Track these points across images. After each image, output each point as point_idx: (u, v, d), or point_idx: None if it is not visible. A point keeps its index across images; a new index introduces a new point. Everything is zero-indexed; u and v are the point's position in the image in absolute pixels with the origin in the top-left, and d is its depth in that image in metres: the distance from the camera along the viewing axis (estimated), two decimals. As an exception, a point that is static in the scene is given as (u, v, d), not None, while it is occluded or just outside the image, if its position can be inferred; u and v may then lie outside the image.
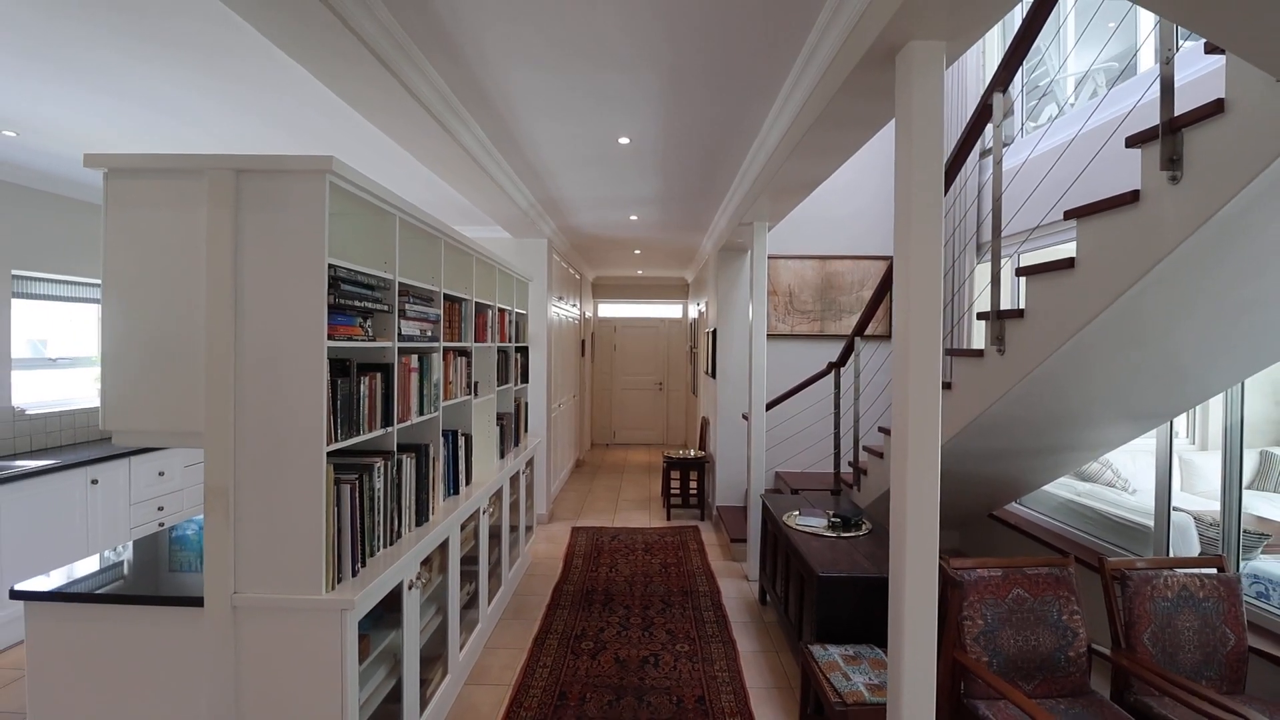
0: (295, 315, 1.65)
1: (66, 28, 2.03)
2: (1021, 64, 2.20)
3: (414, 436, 2.44)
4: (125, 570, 1.92)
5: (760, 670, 3.02)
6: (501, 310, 3.70)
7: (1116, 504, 3.31)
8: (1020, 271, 2.22)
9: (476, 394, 3.15)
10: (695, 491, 5.93)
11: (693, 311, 8.69)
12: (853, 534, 3.09)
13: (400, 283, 2.17)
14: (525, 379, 4.42)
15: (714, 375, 5.79)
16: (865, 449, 3.86)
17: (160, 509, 4.04)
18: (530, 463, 4.27)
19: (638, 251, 7.04)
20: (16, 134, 3.14)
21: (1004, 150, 3.87)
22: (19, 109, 2.76)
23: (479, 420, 3.22)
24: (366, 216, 2.07)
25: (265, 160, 1.65)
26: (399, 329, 2.13)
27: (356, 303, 1.83)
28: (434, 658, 2.51)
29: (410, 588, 2.08)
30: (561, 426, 6.47)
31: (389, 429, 2.08)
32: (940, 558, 2.24)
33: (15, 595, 1.72)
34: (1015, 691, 1.88)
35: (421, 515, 2.34)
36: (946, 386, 2.72)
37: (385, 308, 2.03)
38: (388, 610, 2.02)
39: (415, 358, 2.32)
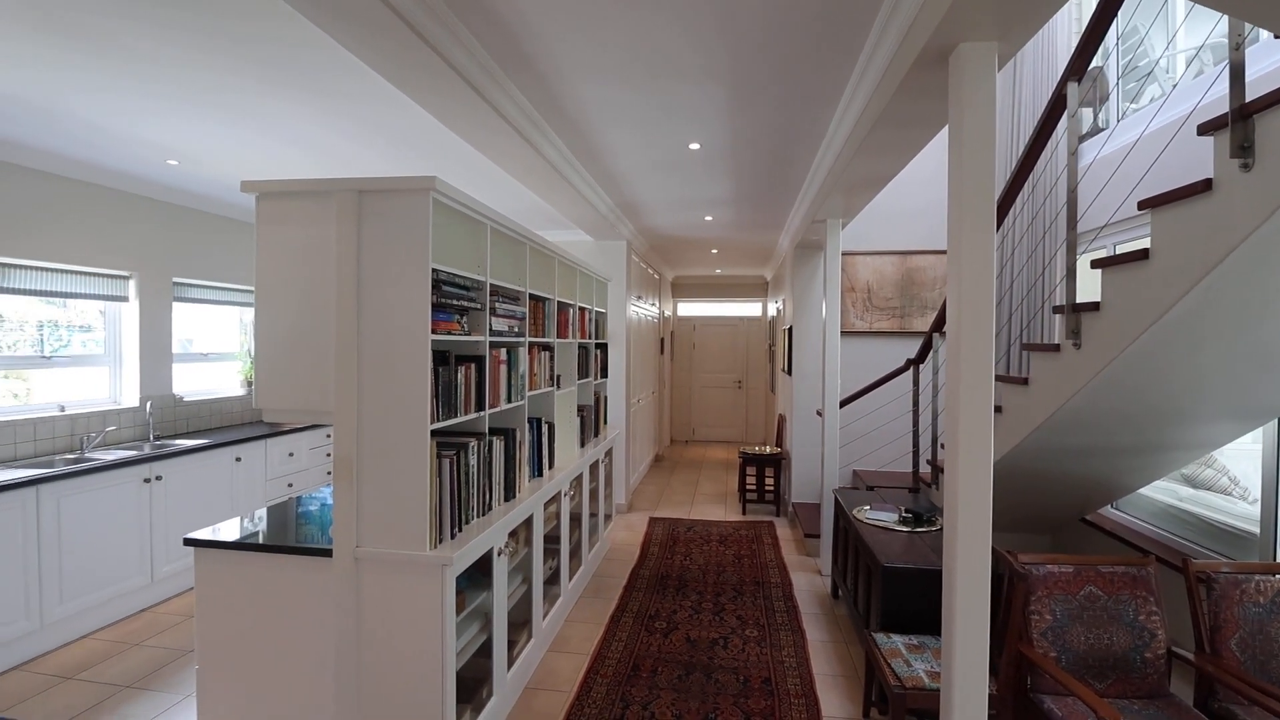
0: (405, 312, 1.93)
1: (218, 72, 2.44)
2: (1096, 52, 2.16)
3: (503, 421, 2.71)
4: (265, 527, 2.29)
5: (828, 659, 3.09)
6: (582, 309, 3.95)
7: (1221, 509, 3.10)
8: (1096, 264, 2.19)
9: (559, 386, 3.41)
10: (771, 487, 5.98)
11: (771, 309, 8.68)
12: (924, 530, 3.09)
13: (491, 284, 2.44)
14: (605, 374, 4.67)
15: (790, 372, 5.82)
16: (944, 446, 3.80)
17: (290, 485, 4.62)
18: (609, 453, 4.51)
19: (715, 251, 7.15)
20: (178, 163, 3.72)
21: (1096, 137, 3.69)
22: (180, 141, 3.29)
23: (561, 410, 3.48)
24: (462, 225, 2.34)
25: (381, 182, 1.94)
26: (490, 325, 2.40)
27: (454, 301, 2.11)
28: (520, 623, 2.78)
29: (499, 554, 2.34)
30: (640, 421, 6.69)
31: (481, 413, 2.35)
32: (1007, 551, 2.25)
33: (188, 542, 2.12)
34: (1084, 688, 1.87)
35: (509, 492, 2.61)
36: (1022, 382, 2.68)
37: (478, 306, 2.30)
38: (480, 573, 2.29)
39: (504, 351, 2.59)
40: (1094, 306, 2.19)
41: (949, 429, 1.82)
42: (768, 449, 6.04)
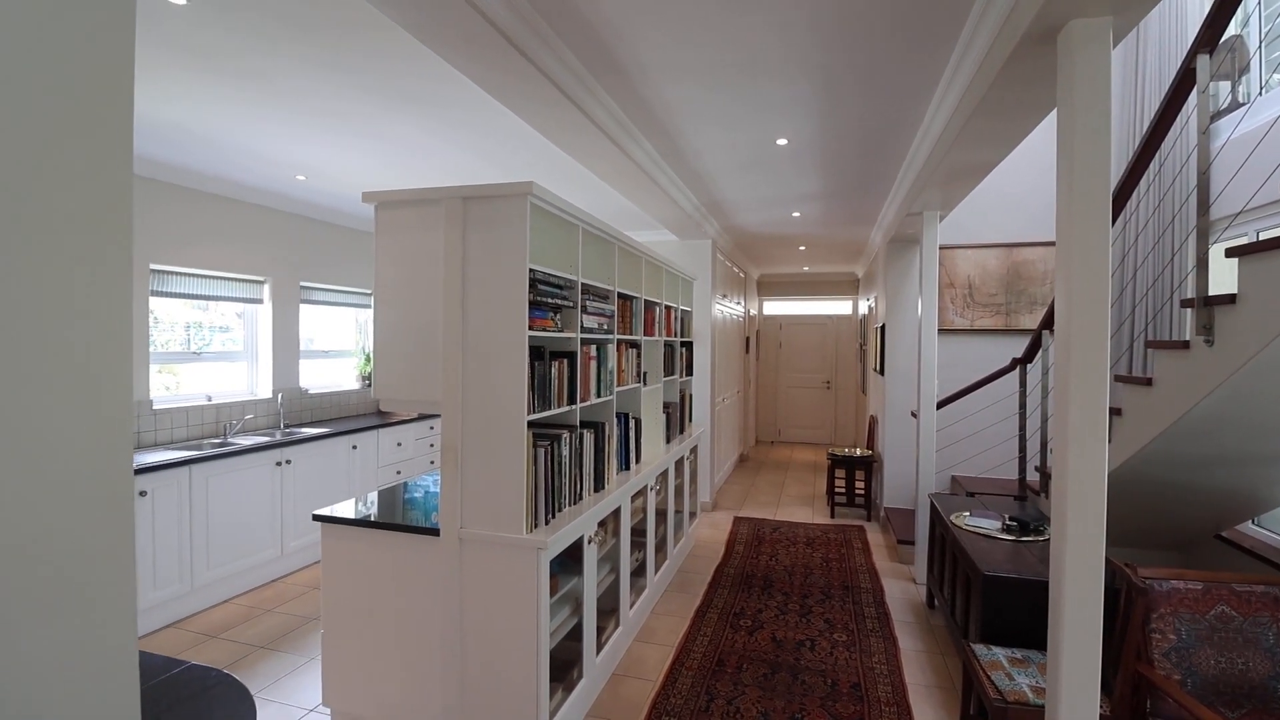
0: (505, 310, 2.06)
1: (340, 95, 2.70)
2: (1231, 19, 1.96)
3: (592, 415, 2.81)
4: (377, 509, 2.50)
5: (921, 668, 2.98)
6: (668, 307, 4.02)
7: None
8: (1232, 252, 1.99)
9: (645, 383, 3.49)
10: (862, 491, 5.80)
11: (862, 307, 8.39)
12: (1031, 539, 2.91)
13: (582, 283, 2.54)
14: (690, 372, 4.71)
15: (882, 372, 5.62)
16: (1054, 451, 3.55)
17: (398, 472, 4.99)
18: (694, 451, 4.55)
19: (803, 248, 7.01)
20: (305, 178, 4.12)
21: (1234, 113, 3.32)
22: (307, 158, 3.64)
23: (647, 406, 3.56)
24: (556, 227, 2.46)
25: (483, 188, 2.08)
26: (581, 322, 2.50)
27: (549, 300, 2.22)
28: (608, 611, 2.87)
29: (589, 542, 2.44)
30: (725, 421, 6.68)
31: (573, 406, 2.46)
32: (1125, 564, 2.09)
33: (316, 518, 2.36)
34: (1215, 716, 1.72)
35: (599, 483, 2.71)
36: (1145, 382, 2.47)
37: (571, 304, 2.41)
38: (572, 560, 2.40)
39: (594, 347, 2.69)
40: (1229, 299, 1.99)
41: (1058, 433, 1.72)
42: (858, 451, 5.86)
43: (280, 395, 4.60)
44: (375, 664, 2.28)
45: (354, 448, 4.55)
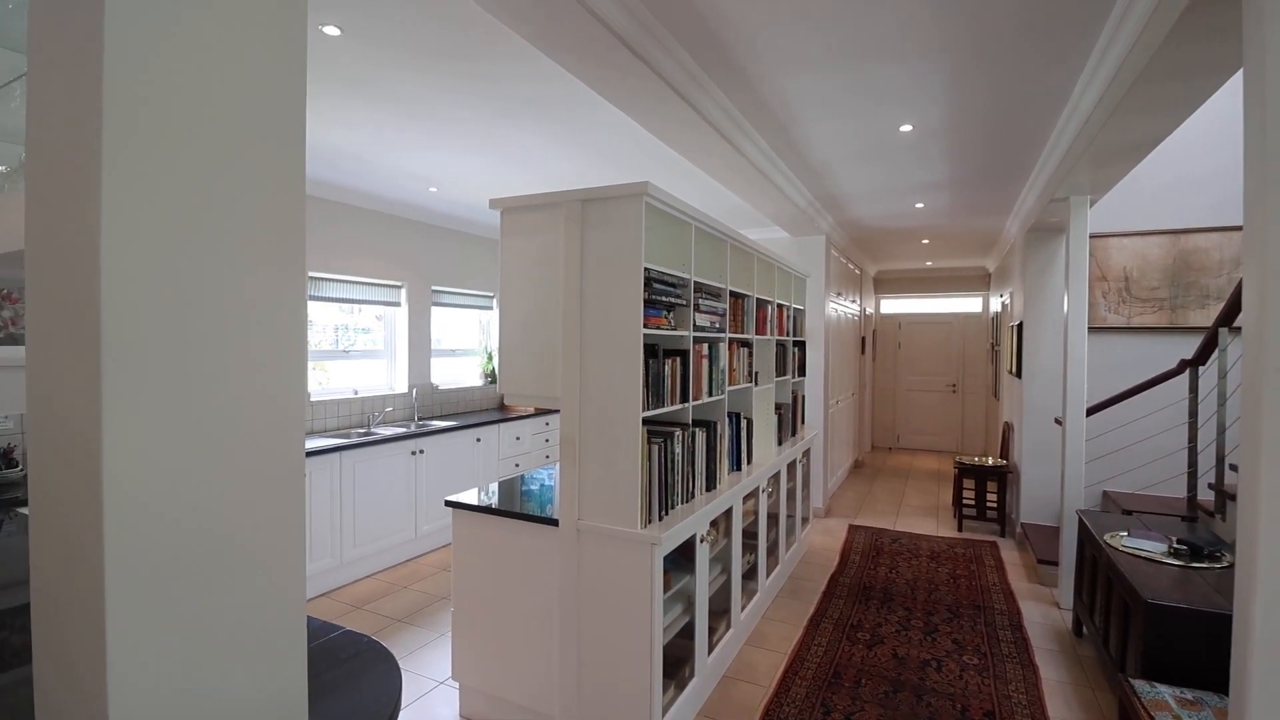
0: (621, 309, 2.11)
1: (470, 109, 2.88)
2: None
3: (704, 414, 2.81)
4: (498, 499, 2.65)
5: (1067, 702, 2.69)
6: (780, 306, 3.93)
7: None
8: None
9: (756, 382, 3.43)
10: (993, 504, 5.34)
11: (994, 304, 7.73)
12: (1204, 565, 2.54)
13: (695, 281, 2.55)
14: (802, 372, 4.57)
15: (1019, 375, 5.14)
16: (1234, 468, 3.08)
17: (516, 465, 5.26)
18: (807, 454, 4.41)
19: (926, 241, 6.58)
20: (437, 189, 4.45)
21: None
22: (438, 171, 3.93)
23: (759, 407, 3.50)
24: (670, 226, 2.48)
25: (600, 191, 2.14)
26: (694, 320, 2.51)
27: (663, 298, 2.25)
28: (719, 612, 2.86)
29: (701, 541, 2.44)
30: (839, 424, 6.41)
31: (685, 404, 2.47)
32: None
33: (448, 504, 2.54)
34: None
35: (710, 482, 2.70)
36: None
37: (684, 302, 2.42)
38: (684, 558, 2.41)
39: (706, 346, 2.68)
40: None
41: (1246, 446, 1.49)
42: (989, 460, 5.40)
43: (414, 390, 5.01)
44: (499, 643, 2.41)
45: (478, 440, 4.86)
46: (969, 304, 9.01)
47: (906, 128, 3.12)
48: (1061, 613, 3.69)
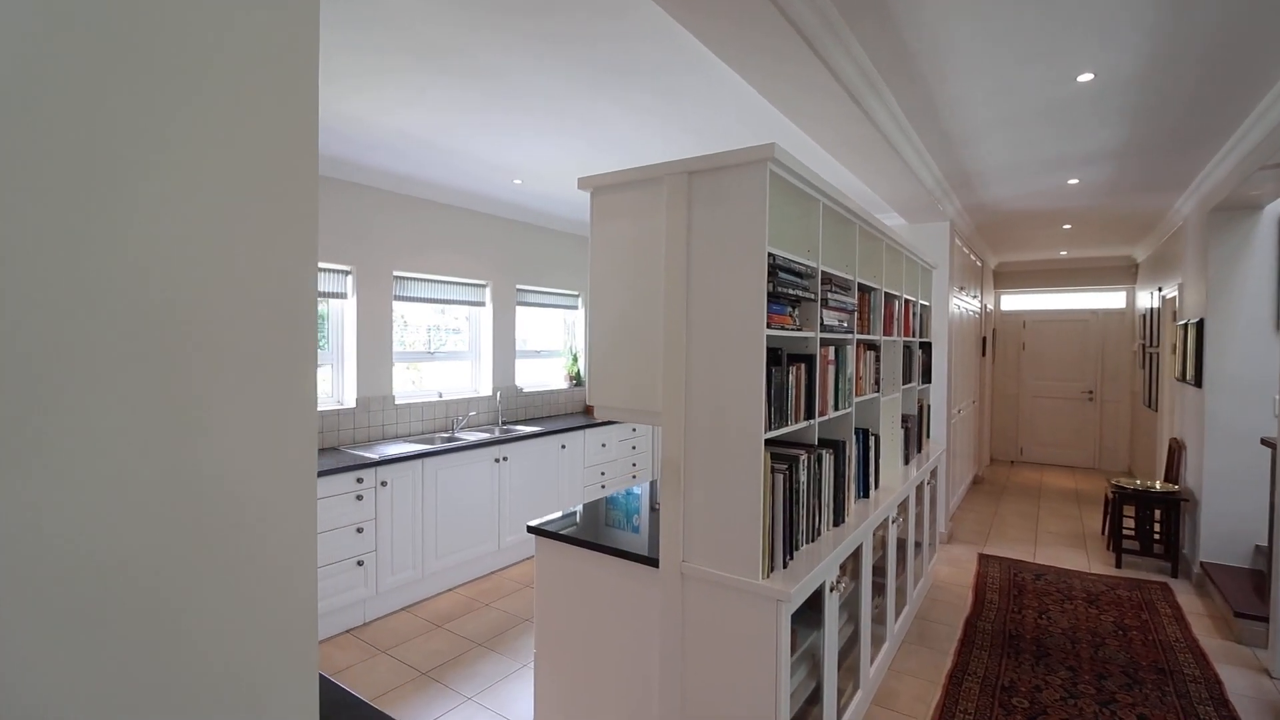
0: (738, 304, 1.70)
1: (559, 80, 2.55)
2: None
3: (828, 432, 2.34)
4: (587, 523, 2.30)
5: (1329, 824, 2.02)
6: (907, 301, 3.37)
7: None
8: None
9: (882, 392, 2.91)
10: (1160, 536, 4.48)
11: (1144, 299, 6.66)
12: None
13: (822, 271, 2.09)
14: (927, 379, 3.96)
15: (1197, 383, 4.26)
16: None
17: (602, 473, 4.95)
18: (934, 473, 3.80)
19: (1067, 226, 5.70)
20: (521, 181, 4.20)
21: None
22: (524, 160, 3.65)
23: (885, 420, 2.97)
24: (792, 203, 2.04)
25: (712, 159, 1.74)
26: (821, 318, 2.05)
27: (790, 290, 1.81)
28: (847, 669, 2.38)
29: (831, 590, 1.98)
30: (960, 436, 5.67)
31: (810, 421, 2.02)
32: None
33: (531, 530, 2.22)
34: None
35: (838, 515, 2.23)
36: None
37: (811, 296, 1.97)
38: (810, 609, 1.96)
39: (833, 349, 2.22)
40: None
41: None
42: (1155, 484, 4.54)
43: (499, 393, 4.80)
44: (588, 697, 2.06)
45: (562, 447, 4.58)
46: (1109, 299, 7.87)
47: (1085, 77, 2.50)
48: (1274, 682, 2.92)
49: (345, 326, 3.95)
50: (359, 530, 3.29)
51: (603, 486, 4.96)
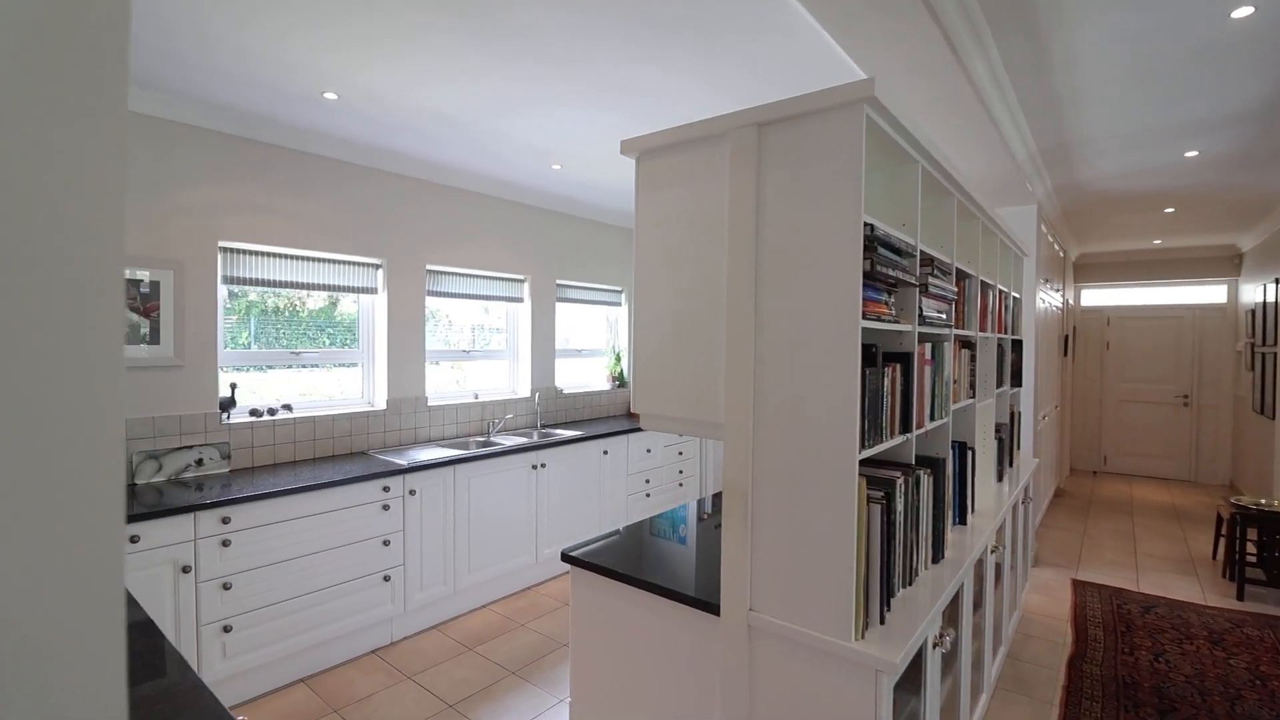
0: (824, 287, 1.33)
1: (579, 25, 2.23)
2: None
3: (922, 448, 1.94)
4: (631, 550, 1.96)
5: None
6: (1001, 292, 2.91)
7: None
8: None
9: (978, 397, 2.48)
10: (1293, 565, 3.86)
11: (1251, 293, 5.90)
12: None
13: (921, 250, 1.70)
14: (1017, 381, 3.48)
15: (1343, 387, 3.63)
16: None
17: (647, 480, 4.61)
18: (1027, 490, 3.32)
19: (1169, 210, 5.06)
20: (560, 167, 3.90)
21: None
22: (562, 140, 3.35)
23: (979, 431, 2.54)
24: (885, 164, 1.66)
25: (789, 105, 1.37)
26: (920, 307, 1.66)
27: (890, 271, 1.43)
28: (940, 731, 1.97)
29: (934, 647, 1.59)
30: (1043, 444, 5.10)
31: (907, 435, 1.63)
32: None
33: (565, 558, 1.90)
34: None
35: (937, 550, 1.83)
36: None
37: (911, 280, 1.58)
38: (907, 669, 1.57)
39: (928, 347, 1.82)
40: None
41: None
42: (1277, 503, 3.92)
43: (537, 395, 4.52)
44: (630, 761, 1.73)
45: (605, 453, 4.26)
46: (1208, 293, 7.09)
47: (1243, 11, 2.03)
48: None
49: (376, 323, 3.73)
50: (385, 543, 3.05)
51: (647, 495, 4.62)
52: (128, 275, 2.70)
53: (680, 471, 4.97)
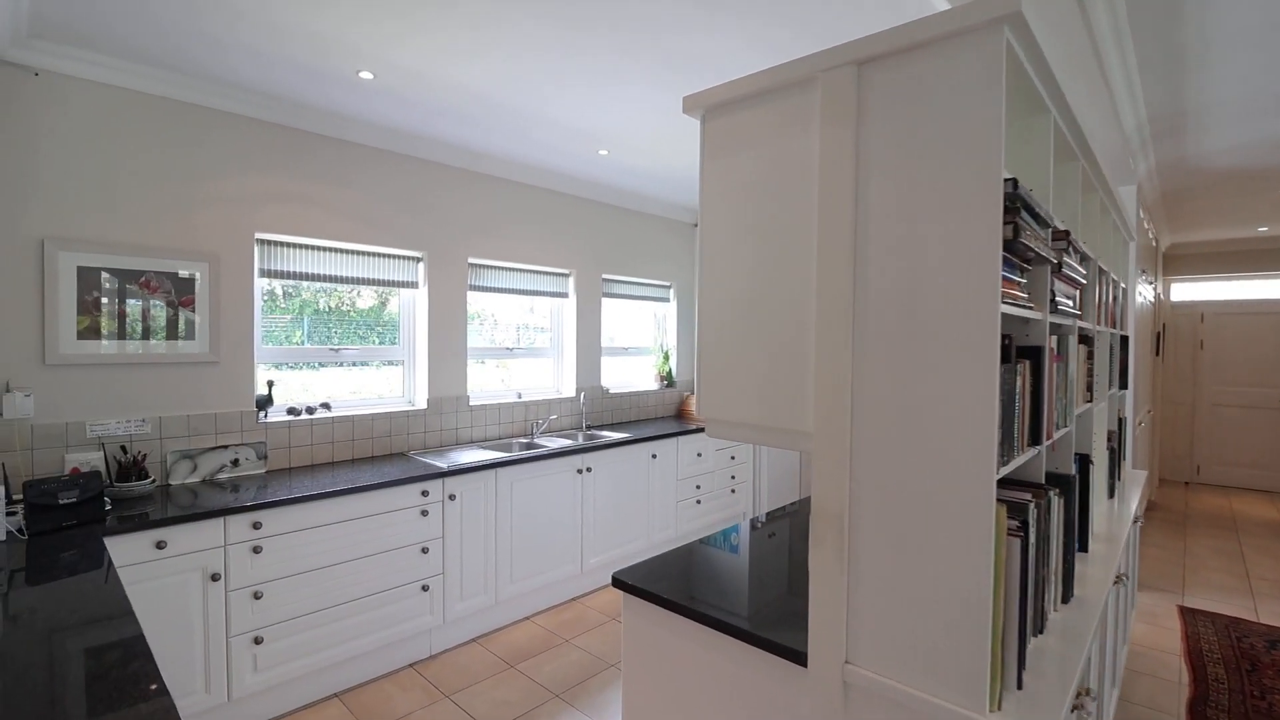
0: (947, 262, 1.05)
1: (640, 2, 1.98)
2: None
3: (1048, 463, 1.62)
4: (680, 565, 1.71)
5: None
6: (1113, 281, 2.54)
7: None
8: None
9: (1094, 401, 2.12)
10: None
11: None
12: None
13: (1053, 224, 1.39)
14: (1124, 383, 3.07)
15: None
16: None
17: (697, 487, 4.35)
18: (1140, 504, 2.91)
19: (1288, 191, 4.50)
20: (608, 152, 3.67)
21: None
22: (608, 123, 3.12)
23: (1095, 440, 2.18)
24: (1013, 112, 1.36)
25: (901, 34, 1.09)
26: (1052, 291, 1.35)
27: (1031, 245, 1.13)
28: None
29: (1073, 710, 1.28)
30: (1139, 453, 4.60)
31: (1037, 448, 1.33)
32: None
33: (616, 583, 1.66)
34: None
35: (1066, 587, 1.51)
36: None
37: (1047, 257, 1.28)
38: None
39: (1054, 340, 1.50)
40: None
41: None
42: None
43: (582, 395, 4.32)
44: (692, 825, 1.48)
45: (653, 457, 4.02)
46: (1323, 286, 6.36)
47: None
48: None
49: (417, 319, 3.59)
50: (424, 550, 2.88)
51: (698, 502, 4.35)
52: (161, 269, 2.61)
53: (733, 478, 4.69)
